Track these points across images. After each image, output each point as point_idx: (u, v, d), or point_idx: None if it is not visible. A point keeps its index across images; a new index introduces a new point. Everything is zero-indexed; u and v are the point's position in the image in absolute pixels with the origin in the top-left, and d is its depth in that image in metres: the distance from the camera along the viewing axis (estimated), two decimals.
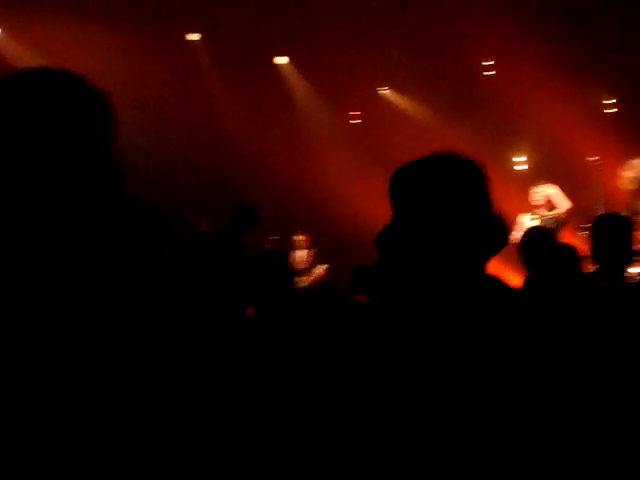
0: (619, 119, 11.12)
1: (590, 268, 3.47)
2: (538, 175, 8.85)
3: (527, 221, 7.72)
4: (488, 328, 1.36)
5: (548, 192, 7.93)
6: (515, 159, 12.07)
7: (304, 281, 9.11)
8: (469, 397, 1.29)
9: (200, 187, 10.44)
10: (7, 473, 0.88)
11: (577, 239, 8.33)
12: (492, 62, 11.51)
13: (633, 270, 5.01)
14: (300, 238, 9.65)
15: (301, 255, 9.58)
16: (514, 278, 8.60)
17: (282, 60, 11.33)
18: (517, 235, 7.59)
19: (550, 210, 7.83)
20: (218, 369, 2.24)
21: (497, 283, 1.48)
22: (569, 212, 8.08)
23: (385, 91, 12.22)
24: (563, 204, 7.97)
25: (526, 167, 12.03)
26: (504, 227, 1.51)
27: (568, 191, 9.76)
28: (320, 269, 9.47)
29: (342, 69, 10.59)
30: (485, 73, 11.52)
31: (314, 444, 1.40)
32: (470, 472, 1.24)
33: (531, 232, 4.26)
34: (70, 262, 0.99)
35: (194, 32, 10.30)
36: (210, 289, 2.87)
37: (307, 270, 9.45)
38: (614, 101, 11.49)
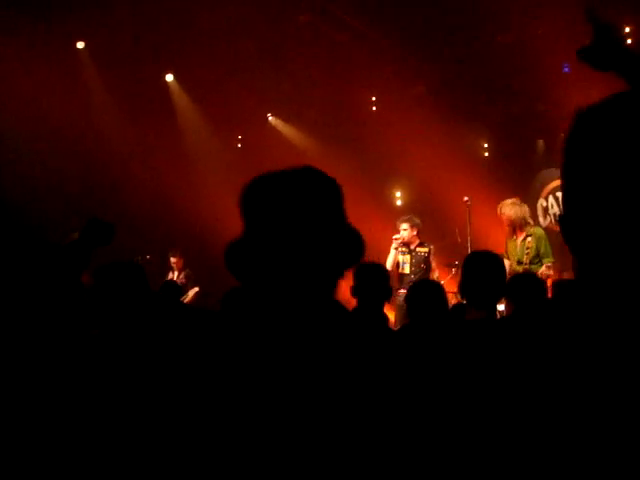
0: (491, 162, 11.76)
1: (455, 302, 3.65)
2: (411, 211, 9.04)
3: (394, 252, 7.73)
4: (324, 351, 1.31)
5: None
6: (396, 193, 12.50)
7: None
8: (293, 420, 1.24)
9: (75, 199, 10.08)
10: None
11: (446, 275, 8.70)
12: (374, 98, 11.89)
13: (500, 307, 5.26)
14: (173, 260, 9.50)
15: (173, 277, 9.44)
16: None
17: (169, 77, 11.19)
18: (388, 264, 7.81)
19: (418, 245, 7.76)
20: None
21: (340, 308, 1.44)
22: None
23: (274, 119, 12.36)
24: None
25: (400, 203, 12.47)
26: (359, 242, 1.48)
27: (438, 228, 10.16)
28: (192, 291, 9.33)
29: (232, 93, 10.58)
30: (373, 108, 11.89)
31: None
32: None
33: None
34: None
35: (81, 40, 9.99)
36: (40, 303, 2.73)
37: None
38: (486, 145, 12.16)
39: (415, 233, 7.79)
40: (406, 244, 7.75)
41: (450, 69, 10.42)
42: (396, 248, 7.69)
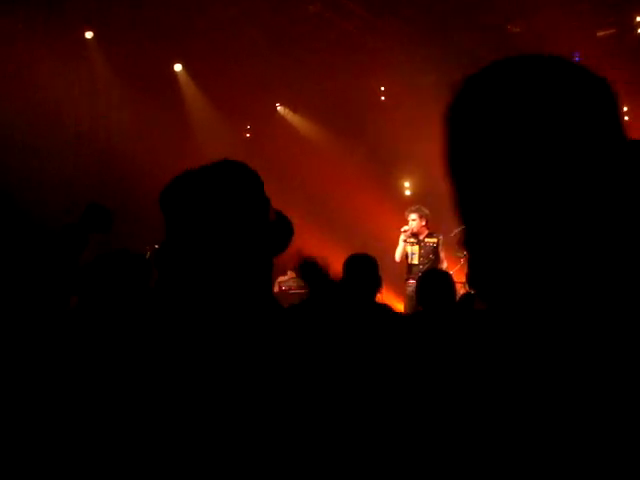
0: None
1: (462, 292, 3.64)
2: (419, 201, 9.02)
3: (402, 244, 7.72)
4: (249, 346, 1.29)
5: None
6: (404, 184, 12.47)
7: None
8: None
9: (83, 191, 10.11)
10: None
11: (455, 265, 8.68)
12: (383, 88, 11.85)
13: None
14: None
15: None
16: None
17: (177, 67, 11.17)
18: (397, 256, 7.79)
19: (427, 236, 7.73)
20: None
21: (272, 302, 1.43)
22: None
23: (282, 109, 12.34)
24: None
25: (408, 193, 12.44)
26: (287, 229, 1.49)
27: (447, 219, 10.12)
28: None
29: (241, 83, 10.57)
30: (382, 98, 11.86)
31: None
32: None
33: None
34: None
35: (89, 30, 9.98)
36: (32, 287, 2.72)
37: None
38: None
39: (424, 224, 7.77)
40: (415, 235, 7.74)
41: (460, 58, 10.36)
42: (405, 240, 7.69)
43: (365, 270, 4.08)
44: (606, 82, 0.88)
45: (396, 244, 7.84)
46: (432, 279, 4.26)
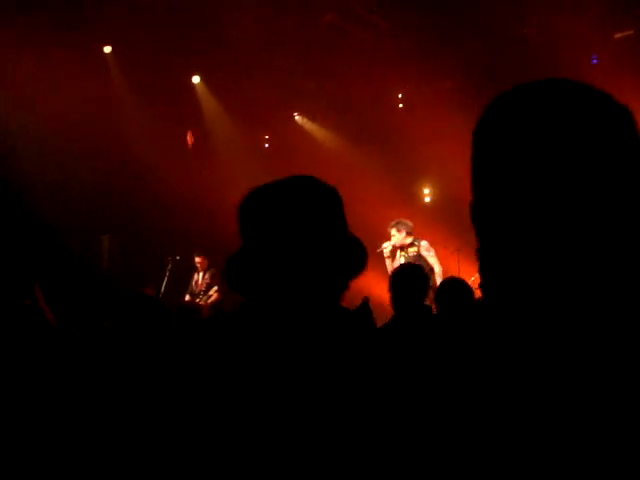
0: None
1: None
2: (440, 207, 8.99)
3: (387, 260, 7.74)
4: (329, 362, 1.29)
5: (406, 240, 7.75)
6: (424, 190, 12.42)
7: (200, 304, 9.07)
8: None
9: (102, 202, 10.21)
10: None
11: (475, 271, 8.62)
12: (401, 95, 11.85)
13: None
14: (197, 260, 9.56)
15: (198, 277, 9.52)
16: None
17: (195, 79, 11.25)
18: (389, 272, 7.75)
19: (409, 245, 7.73)
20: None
21: (347, 315, 1.42)
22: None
23: (300, 118, 12.37)
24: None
25: (428, 200, 12.39)
26: (362, 251, 1.46)
27: (468, 225, 10.07)
28: (213, 291, 9.38)
29: (258, 93, 10.62)
30: (400, 105, 11.86)
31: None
32: None
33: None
34: None
35: (107, 44, 10.09)
36: None
37: (204, 292, 9.40)
38: None
39: (404, 235, 7.77)
40: (400, 247, 7.76)
41: (477, 63, 10.34)
42: (388, 257, 7.73)
43: (412, 280, 4.06)
44: (628, 110, 0.94)
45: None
46: (450, 287, 4.25)
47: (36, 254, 7.74)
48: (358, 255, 1.44)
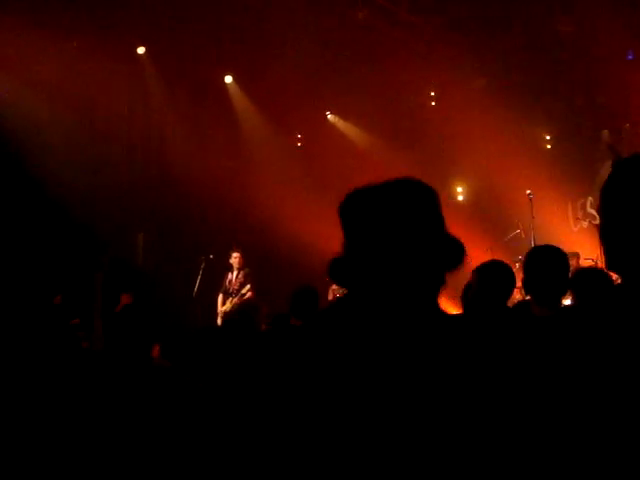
0: (553, 154, 11.49)
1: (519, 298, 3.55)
2: (471, 205, 8.92)
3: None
4: (435, 358, 1.37)
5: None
6: (457, 189, 12.35)
7: (233, 302, 9.13)
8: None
9: (138, 202, 10.32)
10: None
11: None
12: (433, 93, 11.79)
13: (567, 302, 5.13)
14: (234, 255, 9.60)
15: (232, 276, 9.56)
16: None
17: (228, 79, 11.31)
18: None
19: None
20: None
21: (444, 314, 1.48)
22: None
23: (333, 117, 12.38)
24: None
25: (461, 198, 12.32)
26: (460, 247, 1.52)
27: (501, 223, 9.98)
28: (246, 290, 9.41)
29: (291, 93, 10.64)
30: (432, 103, 11.80)
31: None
32: None
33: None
34: None
35: (141, 45, 10.19)
36: None
37: (237, 291, 9.44)
38: (548, 137, 11.89)
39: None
40: None
41: (510, 60, 10.25)
42: None
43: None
44: None
45: None
46: (494, 269, 4.07)
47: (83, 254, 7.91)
48: (456, 252, 1.51)
